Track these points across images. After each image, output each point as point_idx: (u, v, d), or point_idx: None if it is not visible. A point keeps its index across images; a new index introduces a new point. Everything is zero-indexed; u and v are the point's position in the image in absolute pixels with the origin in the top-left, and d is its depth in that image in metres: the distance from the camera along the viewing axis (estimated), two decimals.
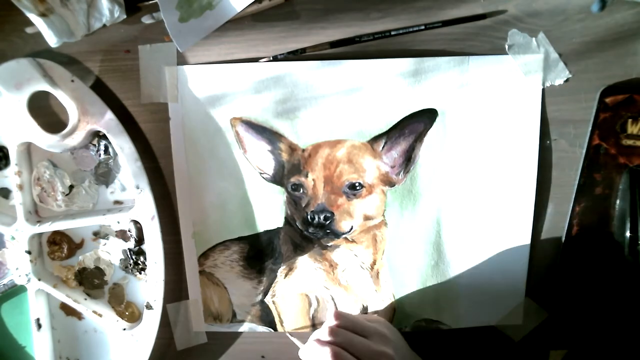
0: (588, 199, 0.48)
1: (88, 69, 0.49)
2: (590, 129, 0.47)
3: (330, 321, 0.44)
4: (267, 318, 0.52)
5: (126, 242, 0.52)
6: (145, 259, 0.51)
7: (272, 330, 0.52)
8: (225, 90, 0.48)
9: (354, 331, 0.43)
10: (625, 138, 0.47)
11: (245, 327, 0.52)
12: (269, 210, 0.50)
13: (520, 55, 0.46)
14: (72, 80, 0.47)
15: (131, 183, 0.48)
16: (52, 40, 0.45)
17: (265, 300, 0.52)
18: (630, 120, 0.47)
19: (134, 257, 0.51)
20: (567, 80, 0.47)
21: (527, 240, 0.49)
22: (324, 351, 0.40)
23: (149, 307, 0.50)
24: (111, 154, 0.50)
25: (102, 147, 0.50)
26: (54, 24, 0.44)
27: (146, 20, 0.47)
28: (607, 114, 0.47)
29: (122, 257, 0.52)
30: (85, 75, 0.48)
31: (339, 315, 0.44)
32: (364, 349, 0.41)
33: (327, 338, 0.42)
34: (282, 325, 0.52)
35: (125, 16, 0.46)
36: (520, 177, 0.48)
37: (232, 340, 0.54)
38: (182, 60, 0.48)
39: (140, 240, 0.51)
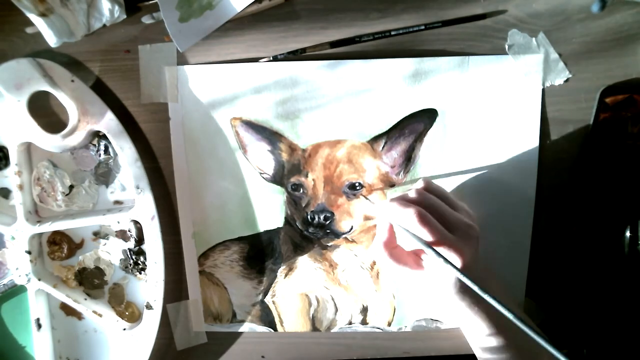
0: (588, 198, 0.48)
1: (88, 69, 0.49)
2: (590, 129, 0.47)
3: (418, 185, 0.42)
4: (267, 318, 0.52)
5: (126, 242, 0.52)
6: (145, 259, 0.51)
7: (272, 330, 0.52)
8: (225, 90, 0.48)
9: (441, 199, 0.41)
10: (625, 138, 0.47)
11: (245, 327, 0.52)
12: (269, 210, 0.50)
13: (520, 55, 0.46)
14: (72, 80, 0.47)
15: (131, 183, 0.48)
16: (52, 40, 0.45)
17: (265, 300, 0.52)
18: (630, 121, 0.47)
19: (134, 257, 0.51)
20: (567, 80, 0.47)
21: (527, 240, 0.49)
22: (407, 212, 0.37)
23: (149, 307, 0.50)
24: (111, 154, 0.50)
25: (102, 147, 0.50)
26: (54, 24, 0.44)
27: (146, 20, 0.47)
28: (607, 114, 0.47)
29: (122, 257, 0.52)
30: (85, 75, 0.48)
31: (428, 182, 0.42)
32: (452, 218, 0.39)
33: (413, 200, 0.39)
34: (282, 325, 0.52)
35: (125, 16, 0.46)
36: (520, 177, 0.48)
37: (232, 340, 0.54)
38: (182, 60, 0.48)
39: (140, 240, 0.51)
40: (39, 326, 0.51)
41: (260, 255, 0.51)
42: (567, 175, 0.49)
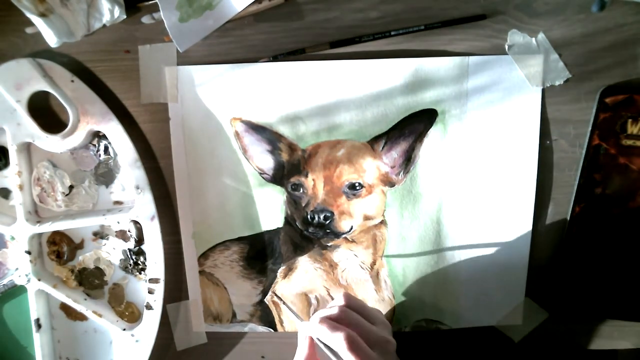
0: (588, 199, 0.48)
1: (88, 69, 0.49)
2: (590, 129, 0.47)
3: (338, 301, 0.43)
4: (267, 318, 0.52)
5: (126, 242, 0.52)
6: (145, 259, 0.51)
7: (272, 331, 0.52)
8: (225, 90, 0.48)
9: (361, 315, 0.42)
10: (625, 138, 0.47)
11: (245, 328, 0.52)
12: (269, 210, 0.50)
13: (520, 55, 0.46)
14: (72, 81, 0.47)
15: (131, 183, 0.48)
16: (52, 40, 0.45)
17: (265, 300, 0.52)
18: (630, 121, 0.47)
19: (134, 257, 0.51)
20: (567, 80, 0.47)
21: (527, 240, 0.49)
22: (337, 336, 0.39)
23: (149, 307, 0.50)
24: (111, 154, 0.50)
25: (102, 147, 0.50)
26: (54, 24, 0.44)
27: (146, 20, 0.47)
28: (607, 114, 0.47)
29: (122, 257, 0.52)
30: (85, 75, 0.48)
31: (348, 297, 0.44)
32: (372, 335, 0.41)
33: (338, 318, 0.41)
34: (281, 326, 0.52)
35: (125, 16, 0.46)
36: (520, 177, 0.48)
37: (232, 340, 0.54)
38: (182, 60, 0.48)
39: (140, 240, 0.51)
40: (39, 326, 0.51)
41: (260, 255, 0.51)
42: (566, 175, 0.49)
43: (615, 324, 0.51)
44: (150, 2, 0.47)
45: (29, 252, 0.50)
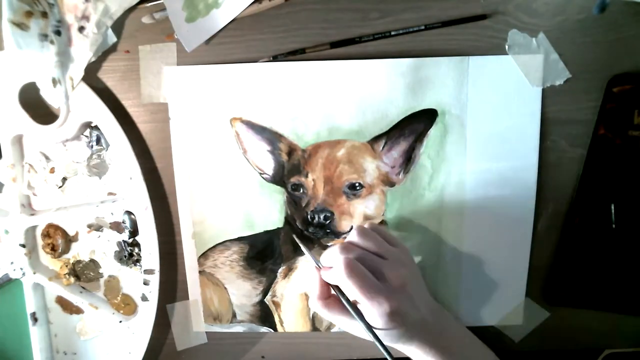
0: (591, 190, 0.48)
1: (88, 69, 0.49)
2: (596, 118, 0.47)
3: (352, 236, 0.42)
4: (267, 318, 0.52)
5: (120, 233, 0.51)
6: (140, 250, 0.51)
7: (272, 331, 0.52)
8: (225, 91, 0.48)
9: (374, 249, 0.41)
10: (631, 129, 0.46)
11: (245, 327, 0.52)
12: (269, 210, 0.50)
13: (520, 55, 0.46)
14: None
15: (124, 174, 0.48)
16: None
17: (265, 300, 0.52)
18: (636, 111, 0.46)
19: (128, 248, 0.51)
20: (567, 80, 0.47)
21: (527, 240, 0.49)
22: (338, 259, 0.39)
23: (144, 298, 0.49)
24: (103, 145, 0.50)
25: (94, 138, 0.50)
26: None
27: (146, 20, 0.47)
28: (614, 104, 0.46)
29: (117, 249, 0.52)
30: (85, 75, 0.48)
31: (360, 232, 0.42)
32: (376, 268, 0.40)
33: (344, 251, 0.40)
34: (282, 326, 0.52)
35: (116, 39, 0.47)
36: (521, 177, 0.48)
37: (232, 340, 0.54)
38: (182, 60, 0.48)
39: (134, 231, 0.51)
40: (35, 320, 0.51)
41: (260, 255, 0.51)
42: (567, 175, 0.49)
43: (615, 324, 0.51)
44: (151, 2, 0.47)
45: (23, 246, 0.50)
